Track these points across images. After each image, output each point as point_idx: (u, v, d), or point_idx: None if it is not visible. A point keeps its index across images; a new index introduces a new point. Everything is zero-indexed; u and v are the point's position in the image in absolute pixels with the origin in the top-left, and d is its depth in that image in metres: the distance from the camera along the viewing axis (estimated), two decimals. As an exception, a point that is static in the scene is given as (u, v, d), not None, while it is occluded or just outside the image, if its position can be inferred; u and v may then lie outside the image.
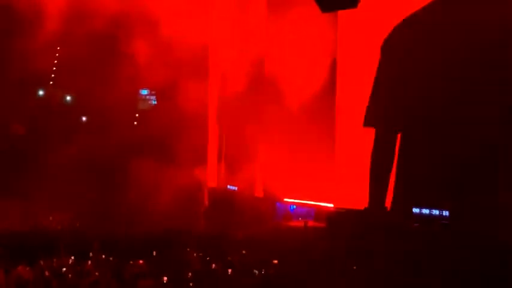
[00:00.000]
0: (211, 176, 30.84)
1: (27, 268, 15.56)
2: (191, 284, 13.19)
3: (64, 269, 16.09)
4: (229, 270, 15.28)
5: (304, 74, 24.06)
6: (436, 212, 20.06)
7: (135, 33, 28.37)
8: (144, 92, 38.04)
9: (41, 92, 38.90)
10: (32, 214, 26.59)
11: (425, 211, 20.33)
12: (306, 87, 24.28)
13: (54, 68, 38.41)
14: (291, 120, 25.11)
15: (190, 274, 14.94)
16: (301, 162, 24.34)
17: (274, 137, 26.04)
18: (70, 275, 14.80)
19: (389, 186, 21.28)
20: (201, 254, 17.83)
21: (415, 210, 20.59)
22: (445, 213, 19.80)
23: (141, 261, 16.32)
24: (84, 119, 37.51)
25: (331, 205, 23.75)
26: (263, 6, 27.24)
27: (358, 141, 22.47)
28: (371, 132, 22.01)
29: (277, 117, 25.85)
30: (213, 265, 16.44)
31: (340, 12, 21.20)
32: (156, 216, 26.34)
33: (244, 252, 17.56)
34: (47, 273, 15.32)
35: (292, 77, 24.36)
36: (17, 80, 36.72)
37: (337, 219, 23.02)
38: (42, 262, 15.86)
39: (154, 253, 18.11)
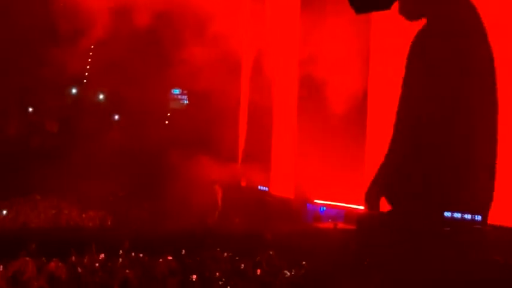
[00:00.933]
0: (242, 176, 30.87)
1: (60, 264, 15.77)
2: (220, 283, 13.22)
3: (97, 264, 16.27)
4: (258, 271, 15.29)
5: (336, 76, 23.99)
6: (468, 216, 19.89)
7: (167, 32, 28.51)
8: (176, 91, 38.24)
9: (74, 91, 39.32)
10: (64, 211, 26.87)
11: (457, 215, 20.17)
12: (338, 89, 24.20)
13: (88, 67, 38.82)
14: (322, 121, 25.05)
15: (218, 274, 14.99)
16: (332, 163, 24.27)
17: (306, 138, 25.98)
18: (101, 273, 14.95)
19: (420, 189, 21.18)
20: (230, 254, 17.87)
21: (447, 214, 20.44)
22: (477, 217, 19.62)
23: (170, 258, 16.43)
24: (116, 117, 37.82)
25: (361, 207, 23.65)
26: (297, 7, 27.18)
27: (389, 144, 22.38)
28: (402, 135, 21.91)
29: (309, 119, 25.80)
30: (242, 265, 16.47)
31: (374, 14, 21.08)
32: (186, 215, 26.45)
33: (271, 253, 17.53)
34: (79, 269, 15.50)
35: (325, 79, 24.28)
36: (51, 79, 37.21)
37: (368, 221, 22.91)
38: (74, 259, 16.02)
39: (183, 251, 18.18)
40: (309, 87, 25.75)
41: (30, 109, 37.74)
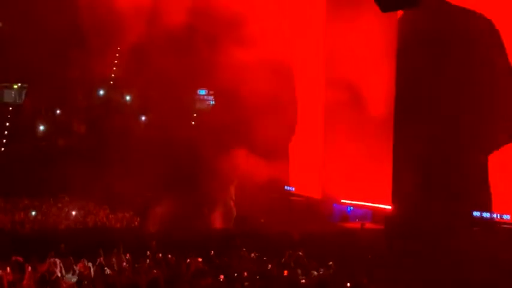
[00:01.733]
0: (270, 176, 30.83)
1: (88, 264, 15.88)
2: (246, 284, 13.19)
3: (124, 263, 16.36)
4: (285, 272, 15.23)
5: (364, 76, 23.84)
6: (496, 215, 19.70)
7: (195, 33, 28.58)
8: (202, 92, 38.29)
9: (101, 92, 39.59)
10: (92, 212, 27.06)
11: (486, 215, 19.98)
12: (365, 89, 24.06)
13: (115, 68, 39.05)
14: (350, 122, 24.92)
15: (245, 274, 14.96)
16: (359, 163, 24.14)
17: (333, 138, 25.88)
18: (129, 273, 15.01)
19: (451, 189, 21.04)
20: (257, 254, 17.85)
21: (476, 213, 20.26)
22: (506, 216, 19.43)
23: (199, 259, 16.46)
24: (143, 118, 37.97)
25: (389, 207, 23.50)
26: (322, 7, 27.07)
27: (417, 144, 22.19)
28: (428, 135, 21.72)
29: (337, 118, 25.68)
30: (269, 265, 16.44)
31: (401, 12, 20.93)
32: (216, 216, 26.52)
33: (300, 253, 17.47)
34: (107, 270, 15.59)
35: (352, 78, 24.13)
36: (79, 80, 37.55)
37: (395, 221, 22.77)
38: (102, 259, 16.11)
39: (211, 252, 18.20)
40: (336, 86, 25.60)
41: (58, 111, 38.09)
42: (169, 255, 16.94)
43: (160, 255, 17.08)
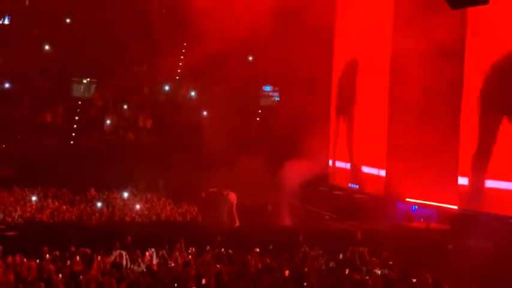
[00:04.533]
0: (333, 173, 30.76)
1: (153, 255, 16.18)
2: (312, 281, 13.15)
3: (190, 257, 16.57)
4: (346, 270, 15.14)
5: (430, 74, 23.48)
6: None
7: (259, 29, 28.69)
8: (267, 88, 38.40)
9: (167, 87, 40.13)
10: (156, 206, 27.46)
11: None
12: (432, 87, 23.71)
13: (181, 64, 39.54)
14: (415, 119, 24.58)
15: (306, 269, 14.96)
16: (424, 161, 23.77)
17: (398, 136, 25.57)
18: (193, 266, 15.19)
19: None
20: (320, 252, 17.80)
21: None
22: None
23: (261, 253, 16.54)
24: (205, 113, 38.29)
25: (455, 207, 23.09)
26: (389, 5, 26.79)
27: (483, 142, 21.75)
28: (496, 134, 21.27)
29: (402, 117, 25.37)
30: (331, 263, 16.38)
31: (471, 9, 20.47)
32: (273, 213, 26.54)
33: (363, 250, 17.33)
34: (170, 263, 15.83)
35: (420, 77, 23.79)
36: (145, 75, 38.18)
37: (462, 221, 22.36)
38: (165, 252, 16.36)
39: (270, 247, 18.24)
40: (401, 83, 25.31)
41: (125, 106, 38.81)
42: (231, 251, 17.04)
43: (222, 250, 17.21)
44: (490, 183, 21.51)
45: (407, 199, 25.51)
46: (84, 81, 39.54)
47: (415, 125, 24.53)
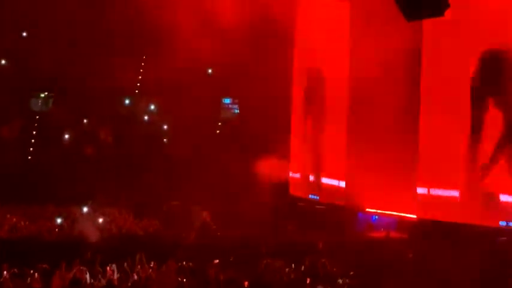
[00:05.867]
0: (294, 184, 30.87)
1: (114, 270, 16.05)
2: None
3: (150, 270, 16.48)
4: (308, 280, 15.24)
5: (387, 84, 23.80)
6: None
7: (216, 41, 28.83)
8: (227, 100, 38.40)
9: (127, 101, 39.85)
10: (118, 220, 27.26)
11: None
12: (390, 97, 24.01)
13: (140, 77, 39.33)
14: (374, 129, 24.85)
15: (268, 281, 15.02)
16: (384, 171, 24.03)
17: (357, 147, 25.82)
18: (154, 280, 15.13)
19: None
20: (282, 262, 17.85)
21: (502, 223, 20.11)
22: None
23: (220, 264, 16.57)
24: (165, 127, 38.14)
25: (414, 216, 23.40)
26: (345, 15, 27.08)
27: (442, 152, 22.13)
28: (455, 143, 21.69)
29: (361, 127, 25.63)
30: (293, 274, 16.45)
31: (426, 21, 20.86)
32: (236, 222, 26.55)
33: (324, 261, 17.45)
34: (134, 276, 15.72)
35: (377, 87, 24.11)
36: (105, 89, 37.88)
37: (421, 230, 22.66)
38: (127, 266, 16.25)
39: (231, 259, 18.27)
40: (359, 95, 25.63)
41: (85, 120, 38.41)
42: (192, 263, 17.01)
43: (184, 263, 17.16)
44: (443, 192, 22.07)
45: (368, 209, 25.74)
46: (42, 95, 39.05)
47: (374, 136, 24.79)
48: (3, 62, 38.30)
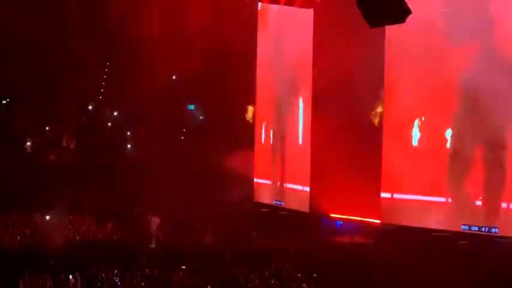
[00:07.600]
0: (258, 191, 30.86)
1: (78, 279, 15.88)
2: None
3: (116, 279, 16.33)
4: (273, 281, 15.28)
5: (351, 89, 23.99)
6: (485, 229, 19.80)
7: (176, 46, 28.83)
8: (191, 107, 38.32)
9: (90, 107, 39.56)
10: (81, 227, 26.99)
11: (475, 228, 20.08)
12: (353, 103, 24.20)
13: (104, 83, 39.05)
14: (338, 135, 24.99)
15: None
16: (348, 177, 24.18)
17: (322, 152, 25.93)
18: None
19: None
20: (246, 268, 17.87)
21: (464, 227, 20.37)
22: (495, 230, 19.53)
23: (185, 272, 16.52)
24: (128, 133, 37.97)
25: (377, 221, 23.60)
26: (309, 24, 27.21)
27: (405, 157, 22.38)
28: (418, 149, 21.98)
29: (325, 133, 25.75)
30: (257, 280, 16.47)
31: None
32: (200, 229, 26.51)
33: (289, 266, 17.52)
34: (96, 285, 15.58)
35: (340, 92, 24.32)
36: (68, 95, 37.52)
37: (384, 235, 22.86)
38: (92, 274, 16.11)
39: (196, 266, 18.24)
40: (323, 100, 25.81)
41: (47, 127, 37.99)
42: (158, 270, 16.94)
43: (147, 270, 17.09)
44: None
45: (332, 215, 25.88)
46: (4, 101, 38.52)
47: (338, 142, 24.92)
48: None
